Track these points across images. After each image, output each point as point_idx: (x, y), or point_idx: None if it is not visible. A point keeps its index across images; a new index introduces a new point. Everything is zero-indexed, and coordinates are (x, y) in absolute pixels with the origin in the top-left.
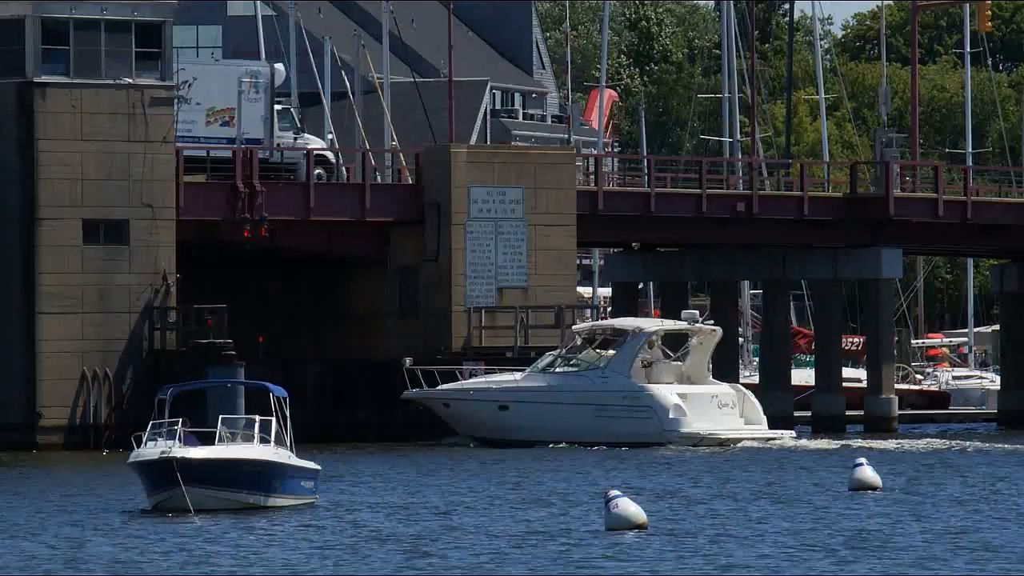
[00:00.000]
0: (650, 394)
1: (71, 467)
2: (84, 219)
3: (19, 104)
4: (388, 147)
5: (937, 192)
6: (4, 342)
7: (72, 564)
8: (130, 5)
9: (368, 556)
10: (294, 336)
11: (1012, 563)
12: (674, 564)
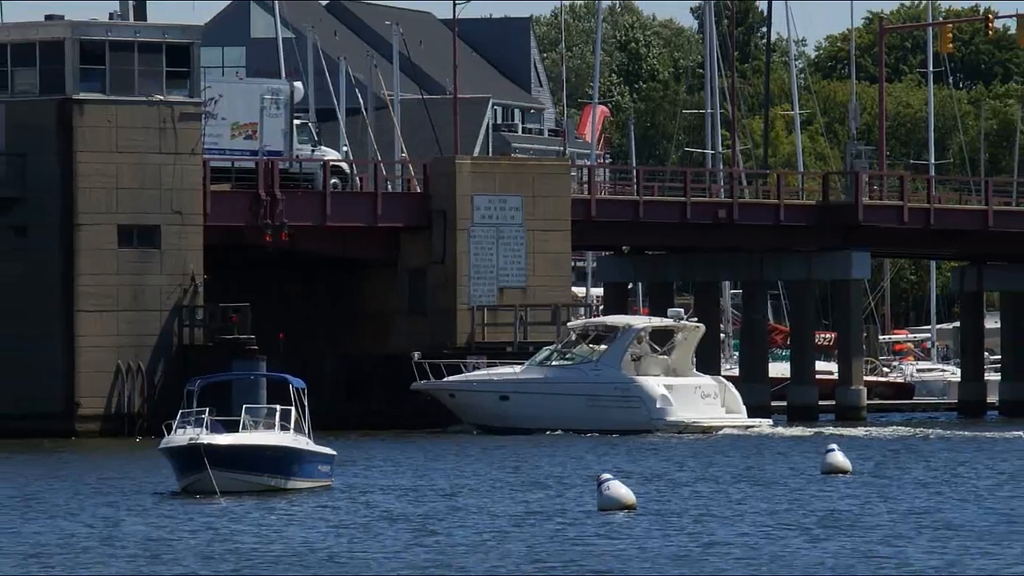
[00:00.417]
0: (639, 385)
1: (107, 453)
2: (119, 225)
3: (59, 119)
4: (398, 159)
5: (902, 200)
6: (46, 338)
7: (108, 542)
8: (161, 28)
9: (380, 534)
10: (312, 332)
11: (972, 541)
12: (661, 542)
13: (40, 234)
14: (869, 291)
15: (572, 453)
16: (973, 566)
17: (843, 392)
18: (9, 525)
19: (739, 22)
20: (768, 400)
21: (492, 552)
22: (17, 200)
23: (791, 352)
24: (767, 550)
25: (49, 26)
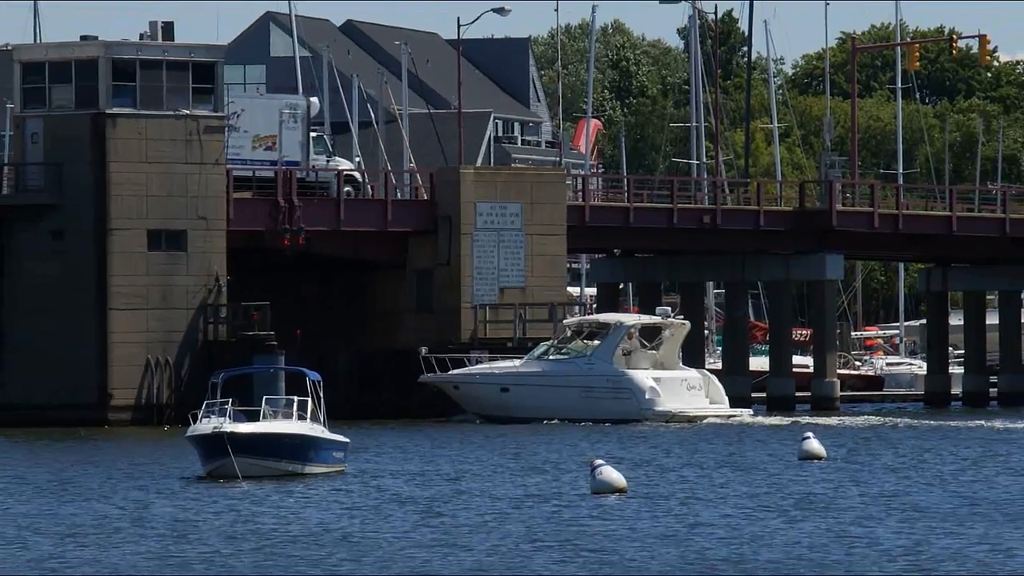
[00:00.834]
0: (629, 378)
1: (137, 440)
2: (149, 230)
3: (93, 132)
4: (407, 168)
5: (873, 206)
6: (81, 334)
7: (138, 523)
8: (187, 47)
9: (390, 516)
10: (327, 329)
11: (937, 522)
12: (650, 522)
13: (76, 238)
14: (842, 291)
15: (567, 440)
16: (938, 545)
17: (818, 384)
18: (47, 507)
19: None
20: (749, 392)
21: (493, 532)
22: (55, 207)
23: (770, 347)
24: (748, 530)
25: (84, 46)
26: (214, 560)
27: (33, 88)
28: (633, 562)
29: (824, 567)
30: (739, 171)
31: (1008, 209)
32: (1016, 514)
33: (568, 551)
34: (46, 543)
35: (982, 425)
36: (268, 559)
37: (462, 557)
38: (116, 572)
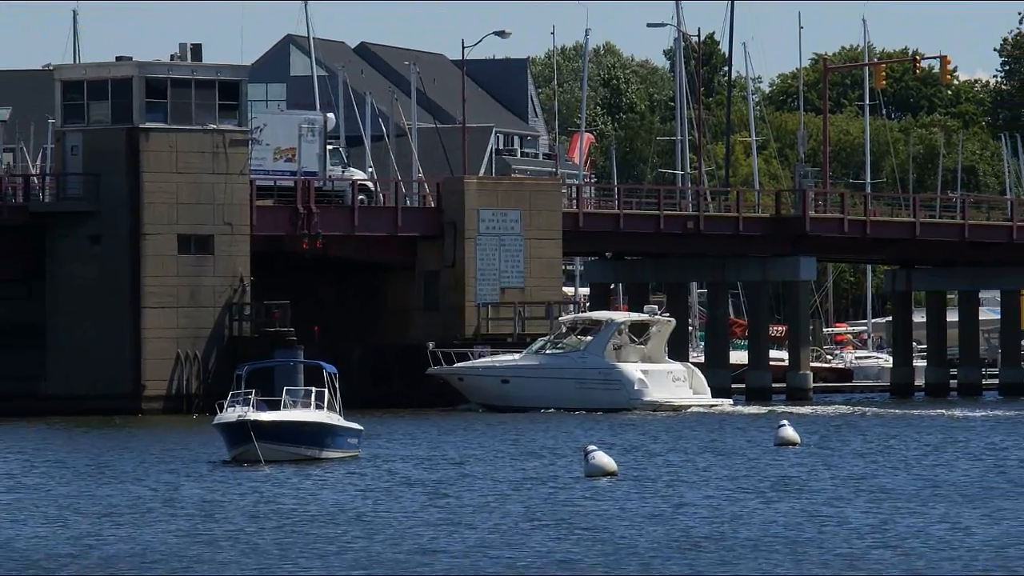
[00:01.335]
0: (619, 371)
1: (168, 428)
2: (179, 234)
3: (128, 145)
4: (415, 178)
5: (843, 213)
6: (117, 331)
7: (169, 503)
8: (214, 67)
9: (400, 497)
10: (342, 326)
11: (902, 502)
12: (638, 503)
13: (112, 242)
14: (815, 290)
15: (563, 428)
16: (903, 524)
17: (793, 376)
18: (85, 489)
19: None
20: (729, 383)
21: (495, 512)
22: (93, 213)
23: (748, 342)
24: (728, 510)
25: (119, 66)
26: (239, 538)
27: (73, 105)
28: (623, 539)
29: (798, 544)
30: (720, 181)
31: (967, 216)
32: (974, 495)
33: (563, 529)
34: (85, 522)
35: (943, 414)
36: (288, 537)
37: (466, 535)
38: (149, 548)
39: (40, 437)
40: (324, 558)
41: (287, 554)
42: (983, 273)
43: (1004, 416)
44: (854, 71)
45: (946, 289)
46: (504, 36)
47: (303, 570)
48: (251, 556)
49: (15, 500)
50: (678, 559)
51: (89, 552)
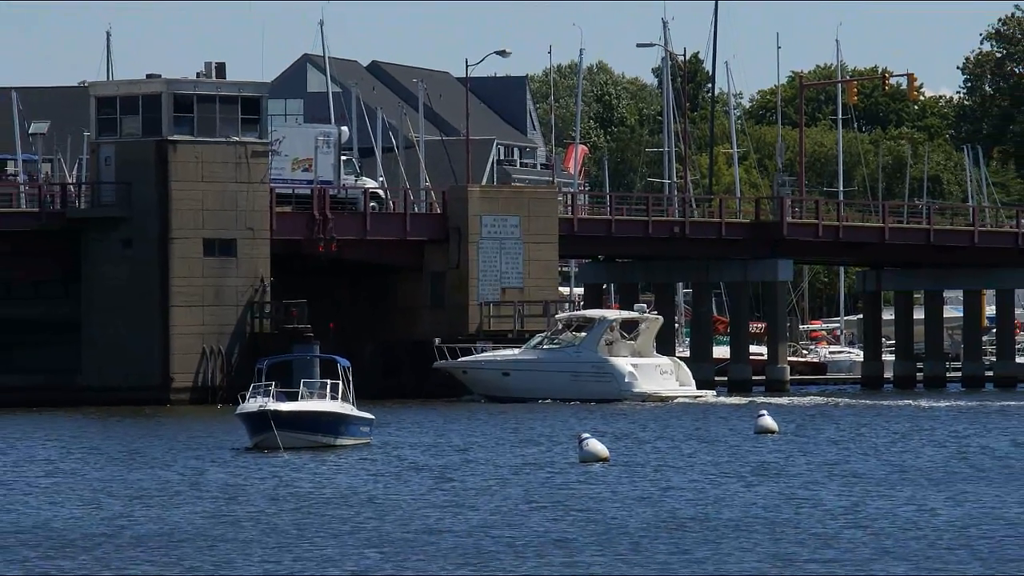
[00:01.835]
0: (611, 364)
1: (194, 417)
2: (204, 238)
3: (157, 156)
4: (422, 187)
5: (818, 219)
6: (146, 328)
7: (195, 487)
8: (237, 84)
9: (408, 481)
10: (355, 323)
11: (872, 486)
12: (628, 487)
13: (142, 246)
14: (791, 290)
15: (559, 417)
16: (873, 506)
17: (771, 369)
18: (118, 474)
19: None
20: (712, 376)
21: (496, 495)
22: (124, 219)
23: (730, 338)
24: (711, 493)
25: (149, 83)
26: (259, 519)
27: (106, 119)
28: (614, 520)
29: (776, 524)
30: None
31: (932, 222)
32: (939, 479)
33: (559, 511)
34: (117, 504)
35: (910, 404)
36: (305, 518)
37: (470, 516)
38: (176, 529)
39: (76, 426)
40: (338, 537)
41: (304, 533)
42: (947, 274)
43: (966, 406)
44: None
45: (913, 289)
46: (504, 55)
47: (319, 548)
48: (271, 535)
49: (53, 484)
50: (665, 538)
51: (121, 532)
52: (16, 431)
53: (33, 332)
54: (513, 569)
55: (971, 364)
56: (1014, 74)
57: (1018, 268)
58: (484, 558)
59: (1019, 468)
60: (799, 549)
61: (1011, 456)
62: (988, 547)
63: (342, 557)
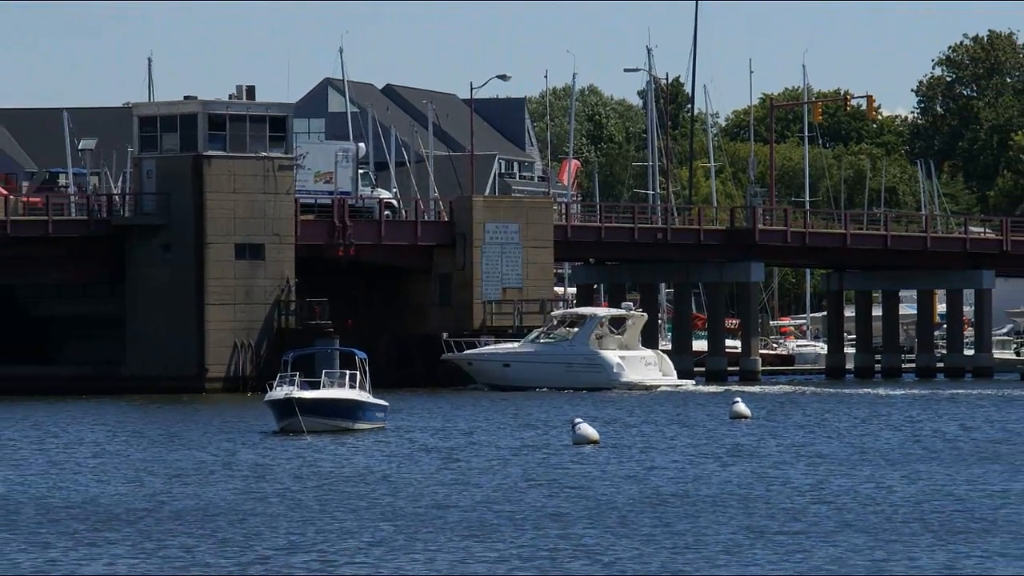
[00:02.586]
0: (601, 356)
1: (226, 404)
2: (235, 243)
3: (194, 170)
4: (431, 197)
5: (786, 226)
6: (184, 323)
7: (227, 466)
8: (265, 105)
9: (419, 461)
10: (371, 319)
11: (835, 466)
12: (616, 466)
13: (180, 250)
14: (763, 290)
15: (554, 404)
16: (835, 484)
17: (745, 361)
18: (158, 455)
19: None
20: (692, 367)
21: (498, 473)
22: (164, 226)
23: (708, 333)
24: (691, 472)
25: (186, 104)
26: (285, 495)
27: (148, 136)
28: (604, 496)
29: (749, 500)
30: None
31: (889, 228)
32: (895, 460)
33: (554, 488)
34: (157, 482)
35: (869, 393)
36: (326, 494)
37: (474, 492)
38: (211, 504)
39: (120, 412)
40: (356, 511)
41: (325, 508)
42: (902, 275)
43: (920, 394)
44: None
45: (871, 289)
46: (505, 79)
47: (339, 521)
48: (295, 510)
49: (100, 464)
50: (649, 512)
51: (161, 507)
52: (67, 416)
53: (82, 328)
54: (513, 540)
55: (924, 356)
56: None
57: (966, 270)
58: (487, 530)
59: (967, 450)
60: (770, 522)
61: (960, 439)
62: (939, 520)
63: (360, 529)
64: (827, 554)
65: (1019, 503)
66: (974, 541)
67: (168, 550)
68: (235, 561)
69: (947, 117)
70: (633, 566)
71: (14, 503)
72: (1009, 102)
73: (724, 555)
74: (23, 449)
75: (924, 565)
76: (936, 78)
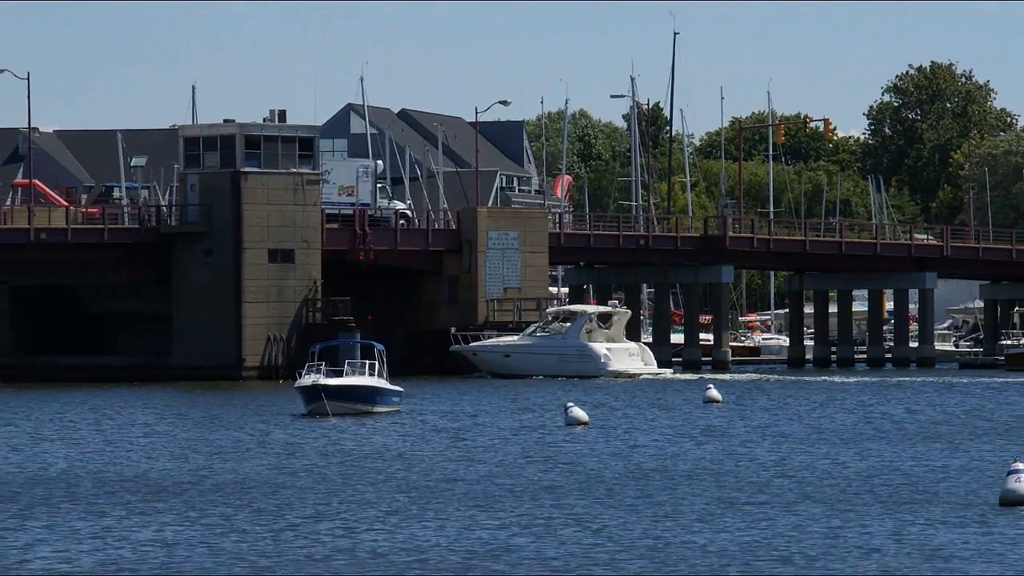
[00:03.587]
0: (590, 348)
1: (261, 390)
2: (269, 249)
3: (232, 184)
4: (441, 208)
5: (753, 233)
6: (223, 319)
7: (262, 445)
8: (294, 127)
9: (430, 440)
10: (388, 316)
11: (795, 444)
12: (604, 444)
13: (221, 254)
14: (732, 290)
15: (549, 390)
16: (796, 460)
17: (716, 352)
18: (199, 435)
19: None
20: (670, 357)
21: (500, 450)
22: (206, 234)
23: (684, 327)
24: (669, 449)
25: (225, 126)
26: (312, 470)
27: (192, 154)
28: (592, 471)
29: (720, 474)
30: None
31: (843, 235)
32: (848, 439)
33: (549, 463)
34: (200, 458)
35: (826, 380)
36: (349, 469)
37: (478, 467)
38: (247, 478)
39: (167, 397)
40: (375, 484)
41: (348, 481)
42: (855, 277)
43: (870, 381)
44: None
45: (828, 288)
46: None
47: (359, 493)
48: (322, 483)
49: (149, 442)
50: (633, 485)
51: (203, 480)
52: (120, 401)
53: (134, 323)
54: (512, 509)
55: (874, 348)
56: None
57: (911, 272)
58: (490, 501)
59: (912, 430)
60: (738, 494)
61: (905, 421)
62: (887, 492)
63: (378, 500)
64: (789, 522)
65: (957, 477)
66: (918, 510)
67: (209, 518)
68: (268, 528)
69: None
70: (618, 532)
71: (74, 477)
72: (949, 124)
73: (698, 523)
74: (82, 430)
75: (874, 531)
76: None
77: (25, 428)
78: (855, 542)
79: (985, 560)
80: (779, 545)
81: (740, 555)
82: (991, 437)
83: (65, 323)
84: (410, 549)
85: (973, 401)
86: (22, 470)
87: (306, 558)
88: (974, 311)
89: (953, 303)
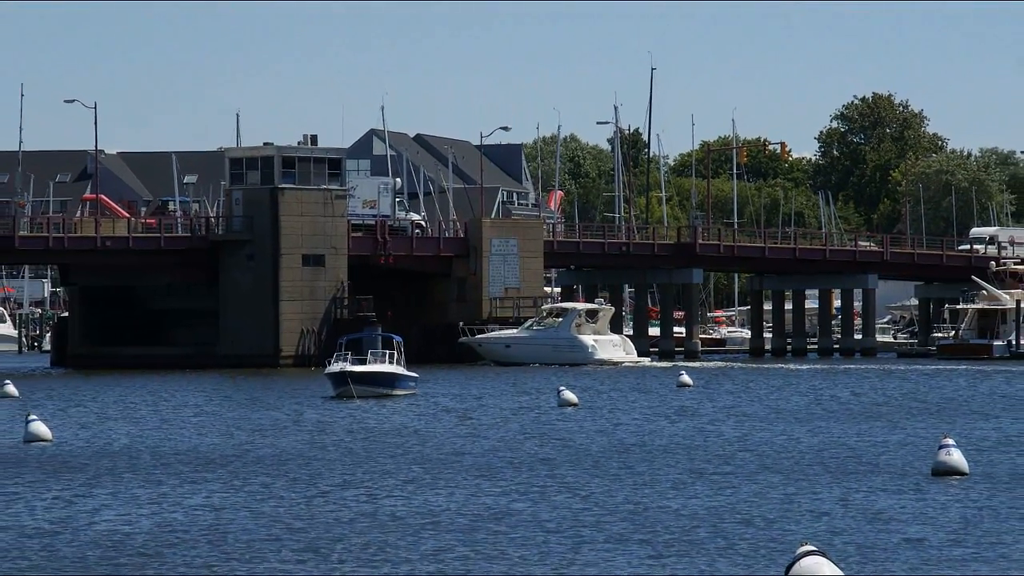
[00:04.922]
0: (580, 340)
1: (295, 377)
2: (303, 254)
3: (271, 198)
4: (451, 219)
5: (719, 240)
6: (264, 316)
7: (296, 423)
8: (324, 149)
9: (441, 419)
10: (406, 312)
11: (756, 422)
12: (591, 423)
13: (261, 259)
14: (702, 289)
15: (543, 376)
16: (757, 436)
17: (688, 343)
18: (242, 415)
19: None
20: (648, 348)
21: (501, 428)
22: (249, 241)
23: (660, 322)
24: (647, 427)
25: (264, 148)
26: (340, 445)
27: (236, 173)
28: (581, 446)
29: (691, 448)
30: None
31: (797, 243)
32: (802, 418)
33: (544, 439)
34: (243, 435)
35: (782, 367)
36: (372, 444)
37: (483, 442)
38: (284, 452)
39: (215, 381)
40: (394, 457)
41: (371, 455)
42: (808, 279)
43: (820, 368)
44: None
45: (784, 288)
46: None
47: (381, 464)
48: (348, 456)
49: (199, 421)
50: (616, 457)
51: (246, 454)
52: (175, 385)
53: (186, 318)
54: (512, 478)
55: (824, 339)
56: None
57: (856, 274)
58: (493, 471)
59: (857, 411)
60: (707, 465)
61: (851, 403)
62: (835, 464)
63: (396, 470)
64: (750, 489)
65: (896, 451)
66: (861, 479)
67: (251, 486)
68: (302, 494)
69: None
70: (604, 498)
71: (135, 451)
72: (888, 147)
73: (672, 490)
74: (142, 410)
75: (824, 498)
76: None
77: (92, 409)
78: (808, 507)
79: (920, 523)
80: (742, 509)
81: (708, 518)
82: (924, 416)
83: (127, 318)
84: (424, 513)
85: (909, 385)
86: (90, 445)
87: (335, 520)
88: (910, 308)
89: (892, 301)
